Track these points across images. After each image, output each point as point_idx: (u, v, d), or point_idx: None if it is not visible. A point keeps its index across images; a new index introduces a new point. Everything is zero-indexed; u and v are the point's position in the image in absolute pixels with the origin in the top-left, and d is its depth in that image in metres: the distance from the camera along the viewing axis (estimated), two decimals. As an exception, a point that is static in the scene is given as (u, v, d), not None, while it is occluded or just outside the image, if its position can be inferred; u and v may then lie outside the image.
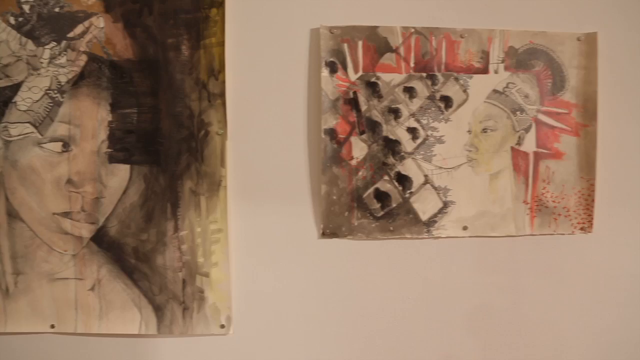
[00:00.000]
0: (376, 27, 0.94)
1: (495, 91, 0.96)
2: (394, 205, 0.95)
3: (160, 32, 0.92)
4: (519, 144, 0.97)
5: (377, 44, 0.94)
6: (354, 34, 0.93)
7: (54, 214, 0.95)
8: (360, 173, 0.95)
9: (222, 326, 0.95)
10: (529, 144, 0.97)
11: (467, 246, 0.98)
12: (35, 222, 0.96)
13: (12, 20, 0.95)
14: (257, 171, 0.95)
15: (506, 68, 0.96)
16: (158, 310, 0.95)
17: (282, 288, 0.96)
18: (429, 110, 0.95)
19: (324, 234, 0.95)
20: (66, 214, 0.95)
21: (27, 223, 0.96)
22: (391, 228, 0.96)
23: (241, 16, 0.93)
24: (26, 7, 0.95)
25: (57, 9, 0.94)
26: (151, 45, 0.93)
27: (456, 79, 0.95)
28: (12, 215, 0.96)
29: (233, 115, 0.93)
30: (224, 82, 0.92)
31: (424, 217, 0.96)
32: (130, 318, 0.96)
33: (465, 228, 0.97)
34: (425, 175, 0.96)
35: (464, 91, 0.95)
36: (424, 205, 0.96)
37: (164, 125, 0.93)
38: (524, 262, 0.99)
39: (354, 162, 0.95)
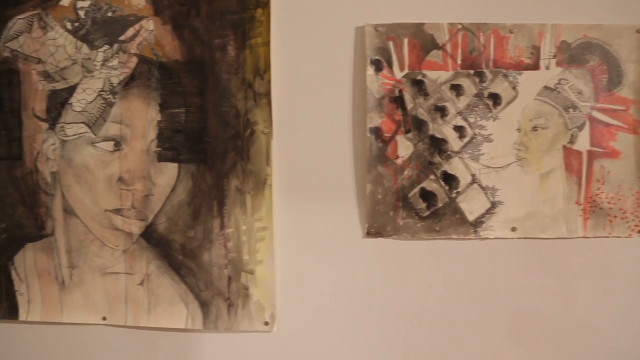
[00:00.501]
0: (422, 24, 0.92)
1: (546, 88, 0.92)
2: (440, 205, 0.94)
3: (207, 33, 0.94)
4: (571, 142, 0.93)
5: (423, 41, 0.92)
6: (399, 31, 0.92)
7: (106, 210, 0.99)
8: (405, 172, 0.94)
9: (266, 323, 0.95)
10: (583, 143, 0.93)
11: (516, 248, 0.95)
12: (89, 218, 1.00)
13: (68, 25, 0.99)
14: (302, 170, 0.95)
15: (558, 64, 0.92)
16: (204, 305, 0.97)
17: (326, 287, 0.96)
18: (477, 108, 0.93)
19: (368, 233, 0.95)
20: (117, 211, 0.98)
21: (81, 219, 1.00)
22: (437, 228, 0.94)
23: (286, 16, 0.94)
24: (81, 13, 0.99)
25: (109, 14, 0.98)
26: (198, 46, 0.95)
27: (505, 76, 0.92)
28: (68, 211, 1.00)
29: (278, 114, 0.94)
30: (269, 81, 0.93)
31: (470, 217, 0.94)
32: (177, 312, 0.98)
33: (513, 229, 0.94)
34: (473, 175, 0.93)
35: (513, 88, 0.92)
36: (471, 205, 0.94)
37: (210, 125, 0.95)
38: (576, 266, 0.96)
39: (399, 161, 0.94)
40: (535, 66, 0.92)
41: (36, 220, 1.02)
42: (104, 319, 1.01)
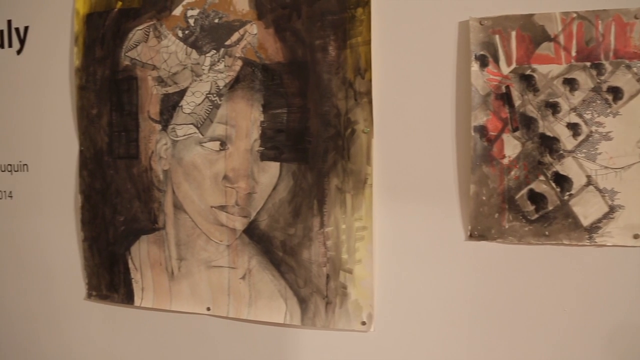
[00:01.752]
0: (531, 15, 0.86)
1: (679, 79, 0.83)
2: (550, 208, 0.88)
3: (308, 35, 0.96)
4: None
5: (533, 34, 0.87)
6: (506, 24, 0.87)
7: (211, 207, 1.04)
8: (512, 173, 0.89)
9: (363, 323, 0.95)
10: None
11: (638, 257, 0.86)
12: (196, 213, 1.06)
13: (180, 33, 1.06)
14: (403, 169, 0.94)
15: (695, 51, 0.82)
16: (302, 302, 0.99)
17: (425, 289, 0.94)
18: (594, 104, 0.85)
19: (471, 236, 0.91)
20: (222, 208, 1.03)
21: (189, 214, 1.07)
22: (546, 233, 0.88)
23: (387, 14, 0.93)
24: (191, 21, 1.05)
25: (216, 20, 1.03)
26: (300, 47, 0.97)
27: (628, 67, 0.84)
28: (177, 206, 1.07)
29: (379, 113, 0.93)
30: (370, 80, 0.92)
31: (585, 222, 0.86)
32: (276, 308, 1.01)
33: (636, 237, 0.85)
34: (588, 176, 0.86)
35: (638, 80, 0.84)
36: (586, 209, 0.86)
37: (312, 124, 0.96)
38: None
39: (505, 161, 0.89)
40: (665, 55, 0.83)
41: (150, 214, 1.10)
42: (208, 309, 1.07)
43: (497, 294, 0.91)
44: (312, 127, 0.96)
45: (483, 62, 0.89)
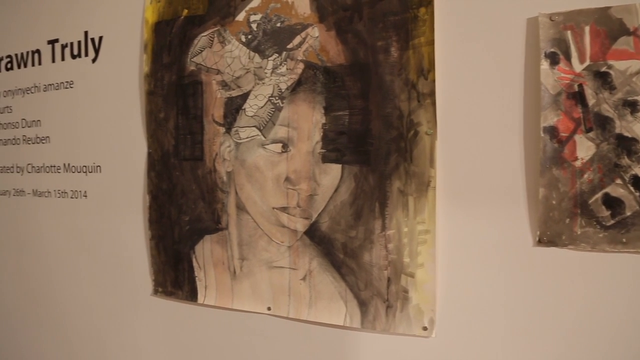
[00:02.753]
0: (608, 7, 0.82)
1: None
2: (628, 213, 0.82)
3: (370, 36, 0.95)
4: None
5: (609, 28, 0.82)
6: (579, 19, 0.83)
7: (273, 208, 1.06)
8: (585, 176, 0.84)
9: (425, 328, 0.93)
10: None
11: None
12: (258, 214, 1.08)
13: (243, 38, 1.09)
14: (468, 172, 0.91)
15: None
16: (362, 305, 0.98)
17: (489, 295, 0.91)
18: (679, 102, 0.80)
19: (540, 242, 0.87)
20: (284, 209, 1.05)
21: (252, 215, 1.09)
22: (624, 240, 0.83)
23: (451, 12, 0.91)
24: (254, 26, 1.07)
25: (278, 24, 1.05)
26: (361, 49, 0.96)
27: None
28: (240, 207, 1.10)
29: (443, 115, 0.91)
30: (433, 81, 0.90)
31: (668, 229, 0.81)
32: (336, 309, 1.01)
33: None
34: (672, 180, 0.80)
35: None
36: (670, 215, 0.80)
37: (373, 126, 0.96)
38: None
39: (578, 164, 0.84)
40: None
41: (213, 214, 1.14)
42: (269, 309, 1.09)
43: (567, 303, 0.87)
44: (374, 129, 0.95)
45: (553, 59, 0.85)
